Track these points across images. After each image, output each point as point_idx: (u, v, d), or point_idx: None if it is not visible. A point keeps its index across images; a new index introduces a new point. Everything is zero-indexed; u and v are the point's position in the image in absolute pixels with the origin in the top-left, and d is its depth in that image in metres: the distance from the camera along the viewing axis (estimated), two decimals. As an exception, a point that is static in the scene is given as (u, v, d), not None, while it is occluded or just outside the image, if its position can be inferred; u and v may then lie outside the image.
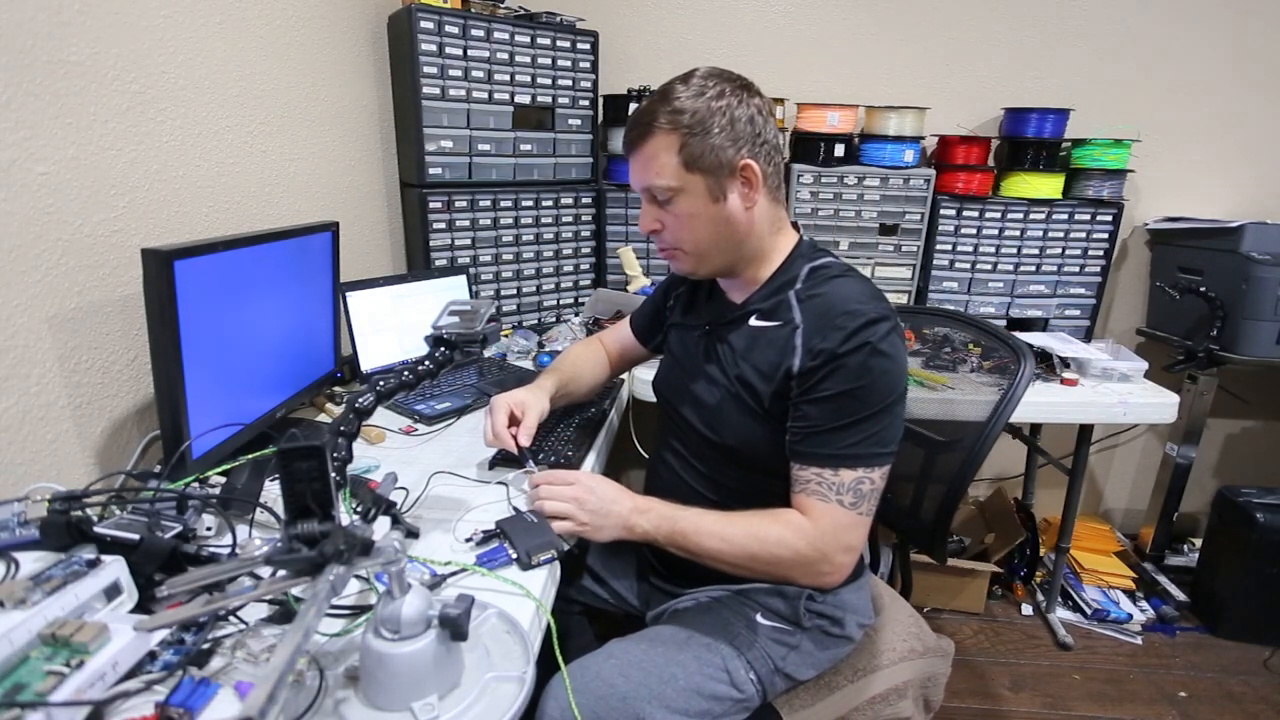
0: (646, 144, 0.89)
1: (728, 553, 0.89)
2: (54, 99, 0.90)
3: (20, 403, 0.87)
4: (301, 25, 1.44)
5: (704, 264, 0.96)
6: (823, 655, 0.99)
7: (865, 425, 0.85)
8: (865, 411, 0.85)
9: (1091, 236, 2.02)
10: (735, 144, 0.87)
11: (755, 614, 0.97)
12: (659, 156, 0.88)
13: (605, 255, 2.08)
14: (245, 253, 1.04)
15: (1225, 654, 1.92)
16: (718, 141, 0.86)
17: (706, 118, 0.86)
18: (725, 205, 0.90)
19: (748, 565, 0.89)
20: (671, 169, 0.88)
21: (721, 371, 0.97)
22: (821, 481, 0.86)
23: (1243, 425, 2.36)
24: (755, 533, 0.88)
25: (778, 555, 0.88)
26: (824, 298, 0.90)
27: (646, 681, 0.85)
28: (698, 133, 0.86)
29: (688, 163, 0.87)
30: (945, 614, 2.04)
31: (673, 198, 0.90)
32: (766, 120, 0.90)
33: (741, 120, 0.87)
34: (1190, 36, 2.05)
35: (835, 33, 2.09)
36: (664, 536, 0.89)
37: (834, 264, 0.96)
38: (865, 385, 0.84)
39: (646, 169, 0.90)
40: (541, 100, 1.85)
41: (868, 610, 1.05)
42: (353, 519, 0.80)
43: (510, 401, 1.06)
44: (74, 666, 0.58)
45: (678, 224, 0.92)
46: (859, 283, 0.92)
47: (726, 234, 0.92)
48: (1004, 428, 1.09)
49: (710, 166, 0.87)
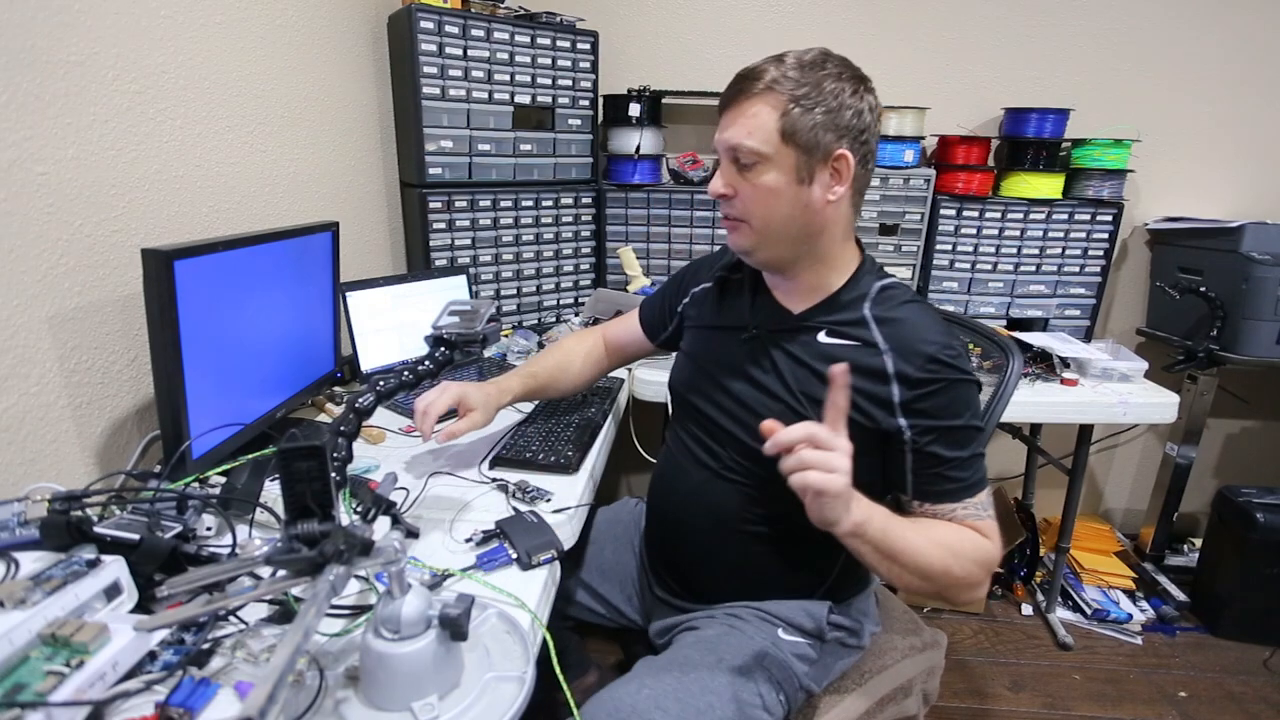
0: (749, 101, 0.83)
1: (925, 561, 0.78)
2: (54, 99, 0.90)
3: (20, 403, 0.87)
4: (301, 25, 1.44)
5: (766, 246, 0.89)
6: (837, 665, 0.99)
7: (981, 448, 0.87)
8: (980, 439, 0.87)
9: (1091, 236, 2.02)
10: (837, 130, 0.82)
11: (778, 630, 0.95)
12: (759, 116, 0.82)
13: (605, 255, 2.08)
14: (245, 253, 1.04)
15: (1225, 654, 1.92)
16: (821, 120, 0.82)
17: (818, 93, 0.81)
18: (808, 190, 0.84)
19: (936, 578, 0.80)
20: (766, 133, 0.82)
21: (780, 382, 0.91)
22: (968, 506, 0.85)
23: (1243, 425, 2.36)
24: (950, 546, 0.81)
25: (969, 571, 0.81)
26: (906, 325, 0.87)
27: (684, 715, 0.80)
28: (804, 104, 0.81)
29: (785, 131, 0.82)
30: (945, 614, 2.04)
31: (757, 164, 0.84)
32: (874, 121, 0.87)
33: (850, 110, 0.83)
34: (1190, 36, 2.05)
35: (835, 33, 2.09)
36: (875, 531, 0.76)
37: (902, 286, 0.93)
38: (973, 413, 0.86)
39: (741, 127, 0.84)
40: (541, 100, 1.85)
41: (876, 615, 1.06)
42: (353, 519, 0.79)
43: (460, 396, 1.03)
44: (74, 666, 0.58)
45: (754, 194, 0.86)
46: (933, 312, 0.91)
47: (800, 220, 0.86)
48: (1002, 427, 1.10)
49: (806, 143, 0.82)
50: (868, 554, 0.77)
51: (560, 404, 1.34)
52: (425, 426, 1.00)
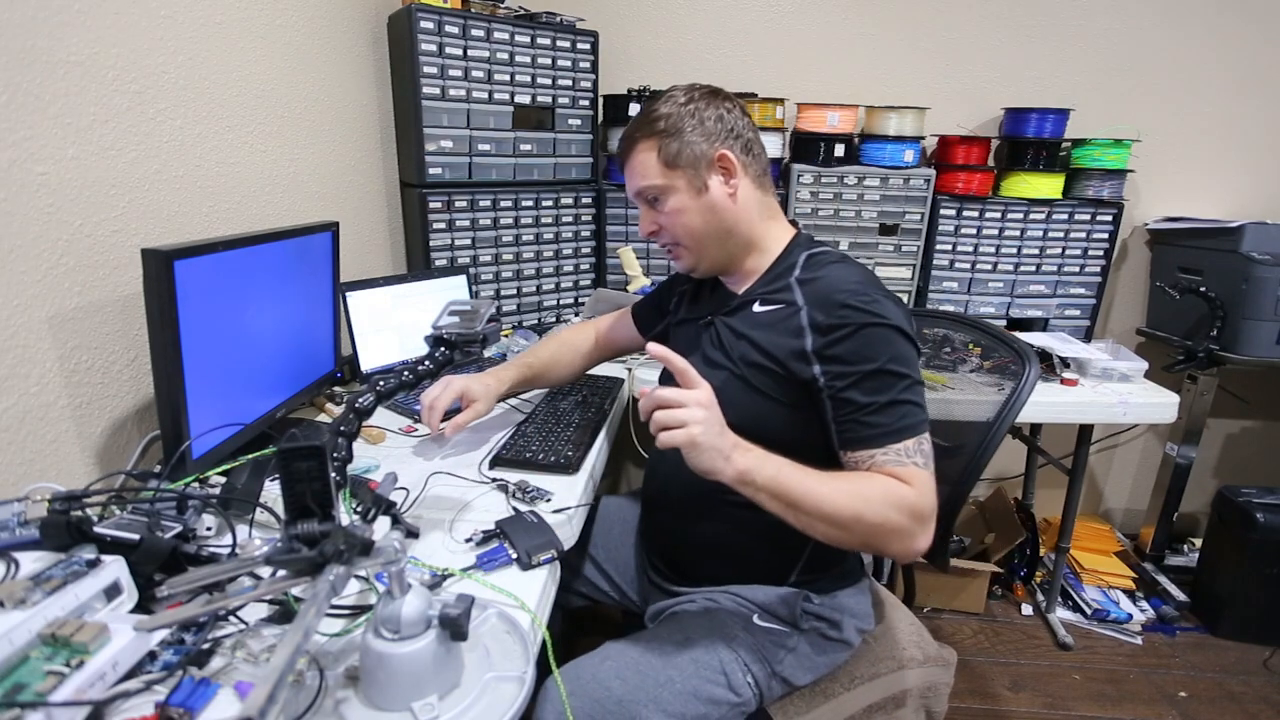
0: (633, 155, 0.98)
1: (831, 508, 0.79)
2: (54, 99, 0.90)
3: (20, 403, 0.87)
4: (301, 25, 1.44)
5: (703, 256, 1.01)
6: (820, 660, 0.99)
7: (907, 395, 0.85)
8: (902, 383, 0.85)
9: (1091, 236, 2.02)
10: (708, 139, 0.95)
11: (753, 615, 0.97)
12: (643, 161, 0.97)
13: (605, 255, 2.08)
14: (245, 253, 1.04)
15: (1225, 654, 1.92)
16: (691, 138, 0.94)
17: (679, 120, 0.95)
18: (709, 195, 0.96)
19: (849, 525, 0.80)
20: (655, 170, 0.96)
21: (724, 354, 0.97)
22: (889, 452, 0.84)
23: (1243, 425, 2.36)
24: (859, 491, 0.81)
25: (886, 516, 0.80)
26: (824, 280, 0.92)
27: (643, 685, 0.85)
28: (672, 134, 0.94)
29: (668, 162, 0.95)
30: (945, 614, 2.04)
31: (661, 197, 0.97)
32: (737, 117, 0.97)
33: (711, 119, 0.95)
34: (1191, 36, 2.05)
35: (835, 33, 2.09)
36: (765, 479, 0.78)
37: (830, 251, 0.99)
38: (891, 357, 0.85)
39: (635, 176, 0.99)
40: (541, 100, 1.85)
41: (867, 615, 1.05)
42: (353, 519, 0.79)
43: (463, 389, 1.11)
44: (74, 666, 0.58)
45: (671, 220, 0.98)
46: (855, 267, 0.95)
47: (715, 221, 0.97)
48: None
49: (688, 161, 0.95)
50: (766, 501, 0.80)
51: (561, 403, 1.34)
52: (433, 421, 1.07)
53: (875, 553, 0.91)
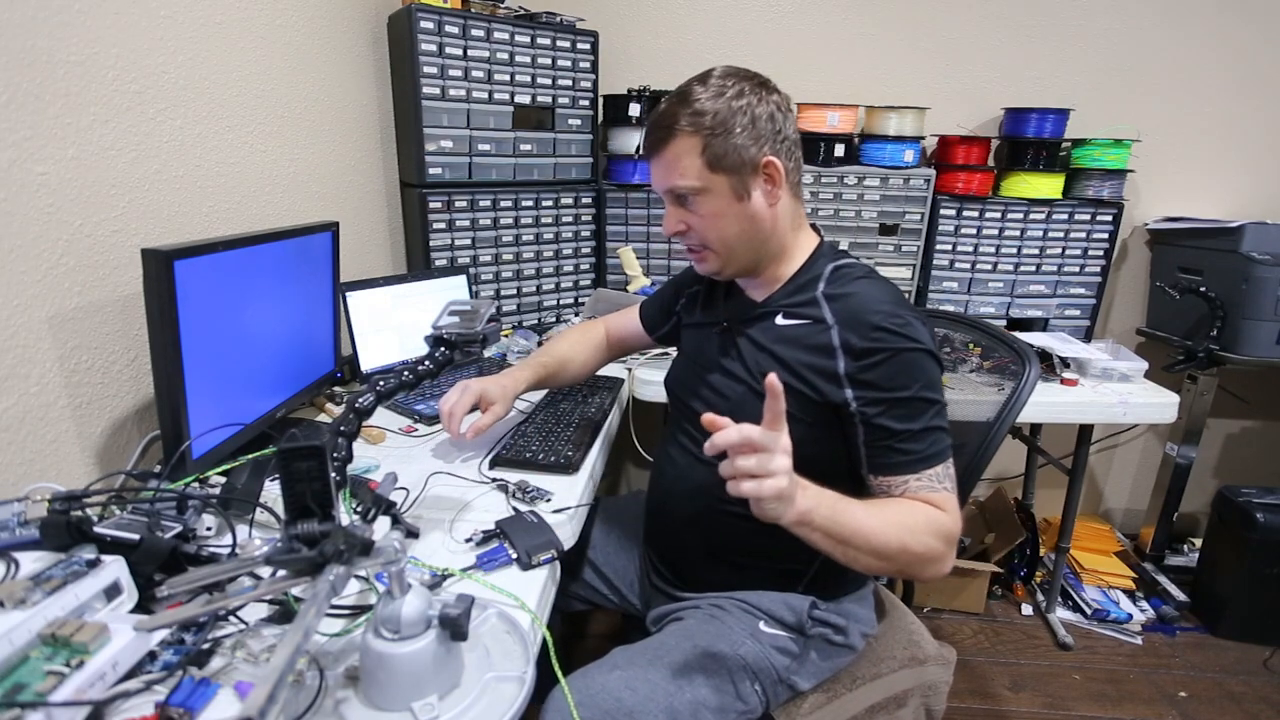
0: (669, 147, 0.89)
1: (880, 541, 0.77)
2: (54, 99, 0.90)
3: (20, 403, 0.87)
4: (301, 25, 1.44)
5: (731, 262, 0.95)
6: (825, 664, 0.98)
7: (938, 420, 0.85)
8: (933, 409, 0.85)
9: (1091, 236, 2.02)
10: (757, 142, 0.87)
11: (759, 622, 0.96)
12: (682, 159, 0.88)
13: (605, 255, 2.08)
14: (245, 253, 1.04)
15: (1225, 654, 1.92)
16: (740, 141, 0.86)
17: (728, 118, 0.86)
18: (750, 203, 0.90)
19: (895, 557, 0.79)
20: (695, 170, 0.88)
21: (743, 367, 0.95)
22: (922, 478, 0.84)
23: (1243, 425, 2.36)
24: (903, 523, 0.79)
25: (929, 545, 0.79)
26: (855, 299, 0.89)
27: (653, 695, 0.83)
28: (720, 133, 0.86)
29: (711, 163, 0.87)
30: (945, 614, 2.04)
31: (697, 198, 0.90)
32: (786, 116, 0.90)
33: (762, 118, 0.87)
34: (1191, 36, 2.05)
35: (835, 33, 2.09)
36: (823, 519, 0.74)
37: (857, 265, 0.96)
38: (924, 384, 0.84)
39: (670, 172, 0.90)
40: (541, 100, 1.85)
41: (870, 619, 1.05)
42: (353, 519, 0.79)
43: (480, 393, 1.10)
44: (74, 666, 0.58)
45: (703, 224, 0.92)
46: (884, 285, 0.92)
47: (752, 231, 0.91)
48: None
49: (734, 166, 0.87)
50: (819, 540, 0.75)
51: (561, 403, 1.34)
52: (453, 427, 1.06)
53: (905, 578, 0.88)
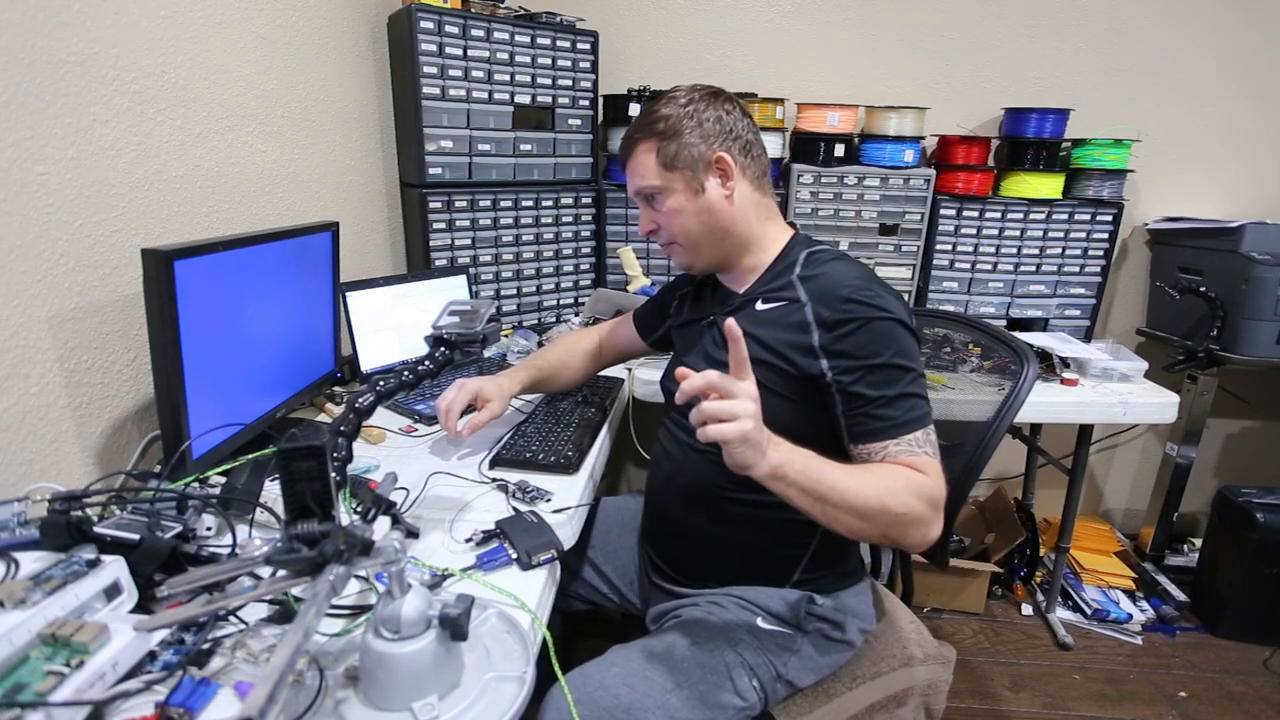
0: (633, 155, 1.01)
1: (858, 499, 0.78)
2: (54, 99, 0.90)
3: (20, 403, 0.87)
4: (301, 25, 1.44)
5: (699, 254, 1.03)
6: (823, 660, 0.99)
7: (913, 388, 0.87)
8: (908, 376, 0.86)
9: (1091, 236, 2.02)
10: (706, 141, 0.96)
11: (756, 618, 0.97)
12: (642, 162, 0.99)
13: (605, 255, 2.08)
14: (245, 253, 1.04)
15: (1225, 654, 1.92)
16: (689, 140, 0.96)
17: (678, 122, 0.96)
18: (705, 196, 0.98)
19: (874, 516, 0.79)
20: (653, 170, 0.98)
21: (728, 352, 0.96)
22: (900, 443, 0.85)
23: (1243, 425, 2.36)
24: (882, 482, 0.80)
25: (909, 505, 0.79)
26: (826, 277, 0.93)
27: (650, 692, 0.84)
28: (670, 136, 0.96)
29: (666, 163, 0.97)
30: (945, 614, 2.04)
31: (659, 196, 0.99)
32: (737, 118, 0.99)
33: (709, 120, 0.97)
34: (1191, 37, 2.05)
35: (835, 33, 2.09)
36: (797, 473, 0.75)
37: (829, 249, 1.01)
38: (896, 351, 0.86)
39: (634, 175, 1.01)
40: (541, 100, 1.85)
41: (868, 615, 1.05)
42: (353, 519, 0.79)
43: (476, 391, 1.13)
44: (74, 666, 0.58)
45: (668, 220, 1.01)
46: (855, 264, 0.96)
47: (711, 222, 0.99)
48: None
49: (686, 163, 0.97)
50: (795, 497, 0.77)
51: (560, 404, 1.34)
52: (450, 424, 1.09)
53: (892, 544, 0.88)
